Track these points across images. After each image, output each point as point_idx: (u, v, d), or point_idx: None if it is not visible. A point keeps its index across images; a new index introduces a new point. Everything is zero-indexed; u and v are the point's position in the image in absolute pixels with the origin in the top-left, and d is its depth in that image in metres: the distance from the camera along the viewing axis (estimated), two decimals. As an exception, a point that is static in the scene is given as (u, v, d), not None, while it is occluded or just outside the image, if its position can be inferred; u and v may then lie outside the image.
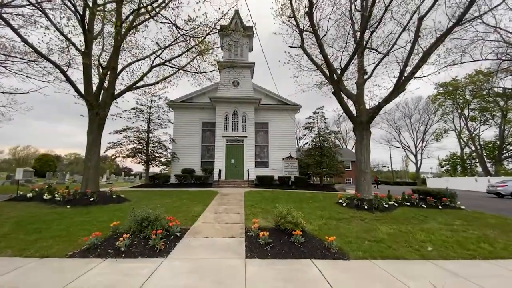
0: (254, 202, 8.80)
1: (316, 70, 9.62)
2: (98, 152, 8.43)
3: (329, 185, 16.29)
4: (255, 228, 4.92)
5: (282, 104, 18.35)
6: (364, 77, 8.79)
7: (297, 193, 11.77)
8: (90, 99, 8.07)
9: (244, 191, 12.32)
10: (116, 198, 8.36)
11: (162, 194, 10.82)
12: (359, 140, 8.54)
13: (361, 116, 8.43)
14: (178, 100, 17.61)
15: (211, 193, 11.29)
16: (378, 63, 8.19)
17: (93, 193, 7.87)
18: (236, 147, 16.33)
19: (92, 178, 8.23)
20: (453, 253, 4.69)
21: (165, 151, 16.22)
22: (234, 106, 16.76)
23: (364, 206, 7.75)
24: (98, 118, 8.08)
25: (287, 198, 9.94)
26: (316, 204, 8.68)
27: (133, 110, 15.33)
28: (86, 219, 6.15)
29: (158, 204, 8.35)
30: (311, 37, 9.99)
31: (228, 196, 10.59)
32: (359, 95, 8.68)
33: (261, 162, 17.58)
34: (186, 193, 11.09)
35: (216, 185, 14.48)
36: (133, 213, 4.65)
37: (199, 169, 16.92)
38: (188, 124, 17.58)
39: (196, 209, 7.57)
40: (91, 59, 8.23)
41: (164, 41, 9.24)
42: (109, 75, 8.13)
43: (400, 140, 47.25)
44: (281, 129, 17.86)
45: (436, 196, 9.26)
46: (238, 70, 16.83)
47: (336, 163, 15.20)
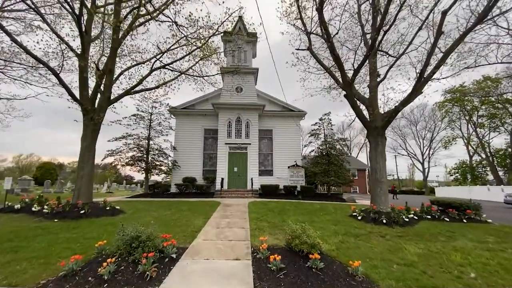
0: (260, 215, 8.07)
1: (324, 73, 9.09)
2: (92, 160, 7.85)
3: (337, 195, 15.46)
4: (264, 249, 4.20)
5: (286, 111, 17.82)
6: (377, 79, 8.22)
7: (305, 204, 11.01)
8: (85, 103, 7.57)
9: (248, 201, 11.59)
10: (110, 210, 7.70)
11: (161, 204, 10.14)
12: (374, 146, 7.86)
13: (375, 121, 7.79)
14: (180, 106, 17.18)
15: (213, 204, 10.58)
16: (393, 64, 7.61)
17: (84, 204, 7.23)
18: (239, 155, 15.70)
19: (85, 188, 7.60)
20: (500, 280, 3.92)
21: (165, 159, 15.64)
22: (237, 112, 16.25)
23: (382, 220, 6.98)
24: (93, 123, 7.54)
25: (294, 210, 9.20)
26: (327, 217, 7.92)
27: (133, 117, 14.89)
28: (72, 235, 5.48)
29: (155, 216, 7.67)
30: (318, 39, 9.53)
31: (231, 207, 9.87)
32: (372, 99, 8.08)
33: (265, 170, 16.88)
34: (187, 204, 10.40)
35: (218, 195, 13.76)
36: (122, 231, 3.98)
37: (201, 177, 16.26)
38: (190, 131, 17.06)
39: (196, 223, 6.87)
40: (88, 62, 7.79)
41: (165, 44, 8.83)
42: (105, 78, 7.65)
43: (406, 148, 46.30)
44: (286, 136, 17.25)
45: (459, 208, 8.46)
46: (242, 76, 16.47)
47: (345, 172, 14.45)
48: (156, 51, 9.11)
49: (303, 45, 9.59)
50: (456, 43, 6.42)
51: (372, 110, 7.84)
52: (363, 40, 8.96)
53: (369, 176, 7.86)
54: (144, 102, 15.36)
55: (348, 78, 7.40)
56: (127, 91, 8.51)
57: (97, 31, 9.42)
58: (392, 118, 7.57)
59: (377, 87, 8.20)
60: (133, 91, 8.67)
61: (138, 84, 8.60)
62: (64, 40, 7.14)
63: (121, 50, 9.26)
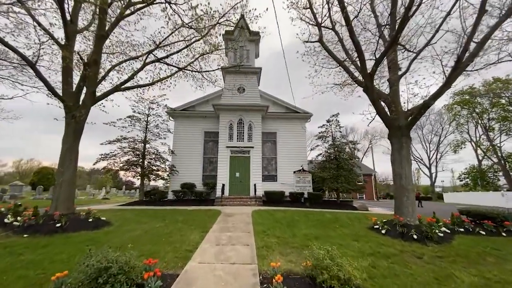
0: (266, 227, 7.00)
1: (337, 67, 8.14)
2: (73, 164, 6.84)
3: (346, 202, 14.32)
4: (278, 282, 3.14)
5: (291, 112, 16.85)
6: (398, 73, 7.25)
7: (314, 213, 9.91)
8: (67, 100, 6.62)
9: (251, 210, 10.51)
10: (93, 222, 6.65)
11: (155, 214, 9.09)
12: (397, 149, 6.82)
13: (398, 120, 6.78)
14: (179, 108, 16.27)
15: (212, 213, 9.52)
16: (421, 50, 6.58)
17: (62, 216, 6.19)
18: (242, 159, 14.67)
19: (65, 197, 6.57)
20: None
21: (163, 164, 14.61)
22: (239, 114, 15.29)
23: (412, 235, 5.89)
24: (74, 122, 6.56)
25: (305, 221, 8.11)
26: (345, 230, 6.83)
27: (129, 118, 13.95)
28: (37, 256, 4.43)
29: (145, 229, 6.62)
30: (328, 32, 8.62)
31: (233, 217, 8.80)
32: (393, 94, 7.10)
33: (269, 175, 15.81)
34: (183, 213, 9.34)
35: (218, 203, 12.68)
36: (86, 260, 2.94)
37: (201, 183, 15.20)
38: (189, 134, 16.10)
39: (192, 238, 5.82)
40: (72, 53, 6.90)
41: (159, 35, 7.94)
42: (89, 69, 6.74)
43: (412, 152, 45.01)
44: (291, 139, 16.23)
45: (495, 220, 7.35)
46: (244, 76, 15.59)
47: (355, 177, 13.36)
48: (151, 44, 8.22)
49: (311, 39, 8.70)
50: (496, 26, 5.47)
51: (395, 107, 6.84)
52: (377, 28, 8.04)
53: (393, 182, 6.77)
54: (140, 103, 14.47)
55: (367, 70, 6.42)
56: (116, 87, 7.56)
57: (87, 22, 8.57)
58: (419, 115, 6.56)
59: (399, 81, 7.23)
60: (123, 87, 7.72)
61: (129, 79, 7.66)
62: (40, 23, 6.21)
63: (111, 43, 8.38)
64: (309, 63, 8.67)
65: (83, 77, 6.98)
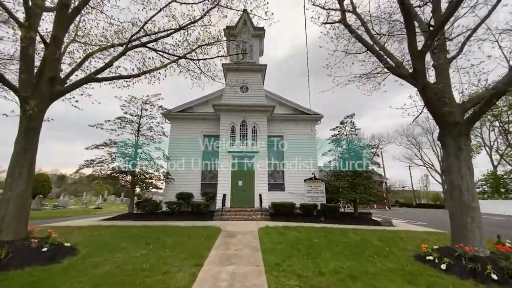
0: (280, 257, 5.29)
1: (366, 52, 6.57)
2: (26, 173, 5.20)
3: (364, 215, 12.52)
4: None
5: (299, 114, 15.26)
6: (446, 55, 5.64)
7: (335, 231, 8.17)
8: (22, 90, 5.08)
9: (257, 227, 8.79)
10: (50, 252, 4.97)
11: (139, 234, 7.40)
12: (453, 152, 5.12)
13: (454, 114, 5.14)
14: (175, 109, 14.76)
15: (210, 231, 7.81)
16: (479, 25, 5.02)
17: (6, 244, 4.55)
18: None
19: (13, 216, 4.90)
20: None
21: (157, 171, 12.98)
22: (242, 115, 13.73)
23: (490, 275, 4.15)
24: (26, 117, 5.00)
25: (328, 245, 6.37)
26: (387, 262, 5.08)
27: (118, 120, 12.41)
28: None
29: (118, 262, 4.93)
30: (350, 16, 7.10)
31: (236, 238, 7.09)
32: (443, 82, 5.47)
33: (275, 184, 14.11)
34: (175, 232, 7.65)
35: (218, 216, 10.97)
36: None
37: (199, 193, 13.53)
38: (187, 138, 14.52)
39: (179, 279, 4.13)
40: (34, 33, 5.39)
41: (146, 11, 6.46)
42: (48, 49, 5.23)
43: (422, 157, 43.05)
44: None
45: None
46: (247, 73, 14.11)
47: (376, 186, 11.63)
48: (135, 24, 6.73)
49: (330, 20, 7.18)
50: None
51: (448, 98, 5.21)
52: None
53: (449, 197, 5.16)
54: (132, 103, 12.98)
55: (417, 48, 4.77)
56: (89, 76, 6.00)
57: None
58: (487, 107, 4.91)
59: (449, 66, 5.63)
60: (100, 77, 6.18)
61: (106, 66, 6.10)
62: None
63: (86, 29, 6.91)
64: (327, 50, 7.11)
65: (44, 63, 5.45)
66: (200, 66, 8.67)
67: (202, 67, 8.59)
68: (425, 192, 62.29)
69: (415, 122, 6.56)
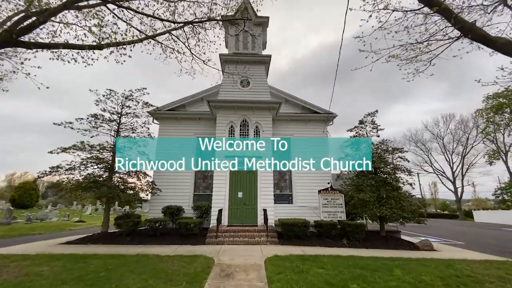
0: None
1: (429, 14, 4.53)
2: None
3: (393, 235, 10.21)
4: None
5: (309, 113, 13.17)
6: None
7: (371, 265, 5.89)
8: None
9: (263, 256, 6.51)
10: None
11: (94, 275, 5.10)
12: None
13: None
14: (165, 107, 12.66)
15: (199, 267, 5.52)
16: None
17: None
18: (246, 174, 10.79)
19: None
20: None
21: (139, 180, 10.73)
22: (242, 113, 11.61)
23: None
24: None
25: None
26: None
27: (92, 118, 10.25)
28: None
29: None
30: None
31: (234, 279, 4.79)
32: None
33: (281, 195, 11.86)
34: (148, 269, 5.37)
35: (213, 238, 8.66)
36: None
37: (190, 206, 11.26)
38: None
39: None
40: None
41: None
42: None
43: (432, 164, 40.72)
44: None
45: None
46: (248, 66, 12.05)
47: (410, 200, 9.37)
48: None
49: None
50: None
51: None
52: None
53: None
54: (112, 98, 10.88)
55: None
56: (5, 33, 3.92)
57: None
58: None
59: None
60: (27, 40, 4.06)
61: (39, 23, 3.99)
62: None
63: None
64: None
65: None
66: (189, 47, 6.66)
67: (190, 43, 6.57)
68: (434, 200, 59.49)
69: (424, 127, 4.76)
